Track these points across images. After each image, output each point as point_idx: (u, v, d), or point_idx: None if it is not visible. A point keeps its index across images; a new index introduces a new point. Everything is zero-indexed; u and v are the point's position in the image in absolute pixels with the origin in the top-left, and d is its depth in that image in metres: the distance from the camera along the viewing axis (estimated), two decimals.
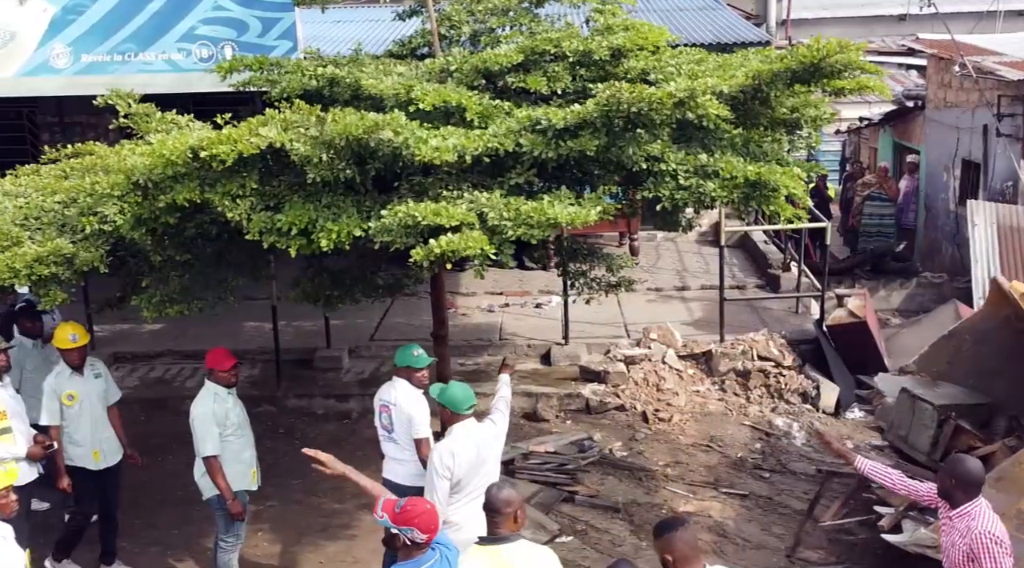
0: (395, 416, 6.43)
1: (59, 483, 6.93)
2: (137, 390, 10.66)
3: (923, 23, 21.17)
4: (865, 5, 24.27)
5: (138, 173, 5.68)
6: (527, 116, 5.64)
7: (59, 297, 6.50)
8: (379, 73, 7.67)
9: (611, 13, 8.32)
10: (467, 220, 4.94)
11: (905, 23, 23.06)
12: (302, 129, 5.43)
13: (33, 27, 9.60)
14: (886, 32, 24.11)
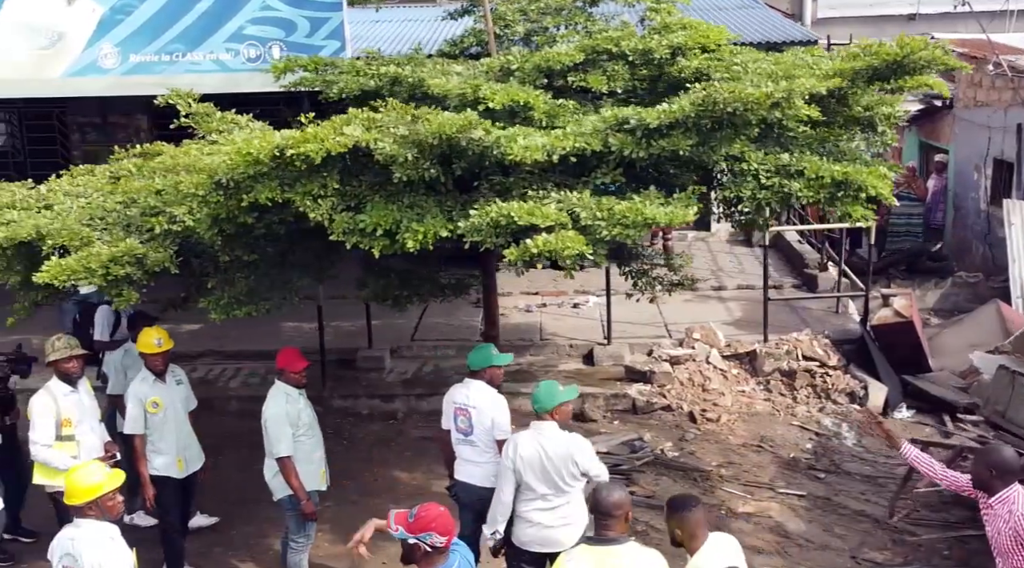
0: (475, 419, 6.37)
1: (145, 493, 6.87)
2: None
3: (933, 22, 21.15)
4: (874, 5, 24.20)
5: (221, 172, 5.66)
6: (614, 115, 5.62)
7: (132, 297, 6.50)
8: (437, 73, 7.66)
9: (667, 12, 8.30)
10: (560, 220, 4.92)
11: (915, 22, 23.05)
12: (388, 128, 5.40)
13: (81, 27, 9.58)
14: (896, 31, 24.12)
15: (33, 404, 6.63)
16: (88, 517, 4.83)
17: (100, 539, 4.84)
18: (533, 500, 5.86)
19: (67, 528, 4.93)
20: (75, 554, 4.75)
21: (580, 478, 5.94)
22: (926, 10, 22.43)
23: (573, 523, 5.95)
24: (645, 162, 5.47)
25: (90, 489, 4.84)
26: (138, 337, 7.12)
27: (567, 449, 5.81)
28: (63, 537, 4.88)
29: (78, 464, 5.18)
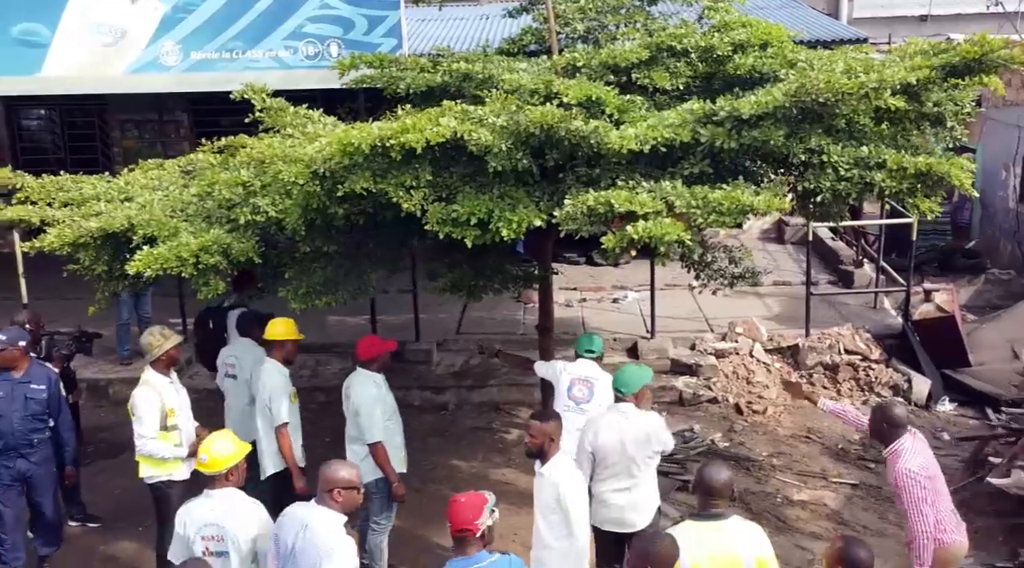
0: (597, 388, 6.66)
1: (297, 485, 6.99)
2: None
3: (944, 24, 21.30)
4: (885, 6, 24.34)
5: (319, 162, 5.84)
6: (701, 108, 5.81)
7: (220, 286, 6.69)
8: (504, 69, 7.84)
9: (724, 10, 8.47)
10: (656, 208, 5.11)
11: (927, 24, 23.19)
12: (485, 119, 5.59)
13: (144, 25, 9.77)
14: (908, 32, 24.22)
15: (137, 400, 6.75)
16: (225, 486, 5.03)
17: (243, 505, 5.08)
18: (608, 480, 6.08)
19: (198, 500, 5.12)
20: (219, 522, 4.95)
21: (656, 457, 6.17)
22: (938, 11, 22.57)
23: (647, 504, 6.17)
24: (734, 153, 5.65)
25: (229, 457, 5.06)
26: (272, 329, 7.19)
27: (646, 430, 6.05)
28: (198, 508, 5.08)
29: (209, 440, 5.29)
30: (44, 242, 6.67)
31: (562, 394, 6.97)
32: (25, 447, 7.10)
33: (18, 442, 7.06)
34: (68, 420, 7.51)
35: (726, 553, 4.80)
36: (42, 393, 7.18)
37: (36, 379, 7.20)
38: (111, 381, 10.66)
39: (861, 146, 5.83)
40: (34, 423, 7.12)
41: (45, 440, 7.23)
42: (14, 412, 7.02)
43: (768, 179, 5.79)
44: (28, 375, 7.16)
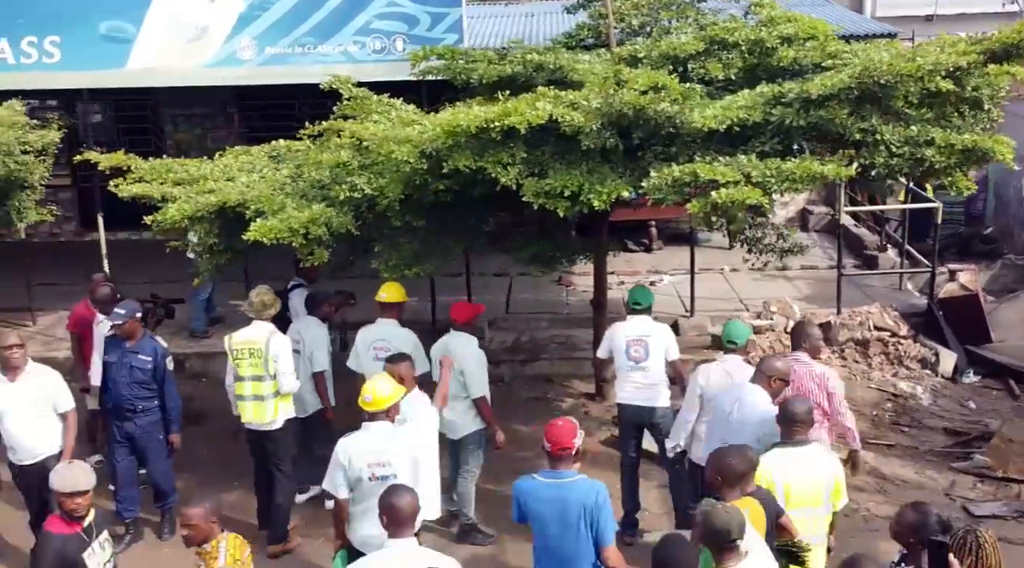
0: (651, 346, 7.33)
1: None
2: None
3: (950, 23, 21.93)
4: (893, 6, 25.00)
5: (427, 143, 6.54)
6: (770, 90, 6.49)
7: (324, 256, 7.39)
8: (570, 61, 8.54)
9: (770, 6, 9.17)
10: (736, 178, 5.80)
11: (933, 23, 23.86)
12: (577, 102, 6.29)
13: (223, 22, 10.46)
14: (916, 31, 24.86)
15: (278, 345, 7.48)
16: (385, 421, 5.77)
17: (401, 435, 5.82)
18: (706, 423, 6.79)
19: (358, 434, 5.82)
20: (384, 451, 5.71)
21: None
22: (943, 11, 23.21)
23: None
24: (801, 131, 6.33)
25: (390, 397, 5.79)
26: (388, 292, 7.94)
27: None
28: (362, 441, 5.78)
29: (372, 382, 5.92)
30: (167, 215, 7.37)
31: (621, 355, 7.66)
32: (130, 412, 7.71)
33: (124, 406, 7.70)
34: (173, 391, 8.04)
35: (810, 474, 5.53)
36: (147, 364, 7.78)
37: (144, 351, 7.80)
38: (187, 355, 11.34)
39: (909, 127, 6.51)
40: (139, 390, 7.71)
41: (151, 408, 7.81)
42: (121, 378, 7.66)
43: (827, 157, 6.45)
44: (138, 346, 7.76)
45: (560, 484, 5.23)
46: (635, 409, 7.51)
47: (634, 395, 7.50)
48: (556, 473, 5.27)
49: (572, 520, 5.17)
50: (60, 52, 10.53)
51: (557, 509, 5.20)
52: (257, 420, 7.65)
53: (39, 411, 7.14)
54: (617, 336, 7.69)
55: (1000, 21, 19.75)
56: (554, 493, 5.22)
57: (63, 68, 10.56)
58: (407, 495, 4.86)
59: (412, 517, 4.82)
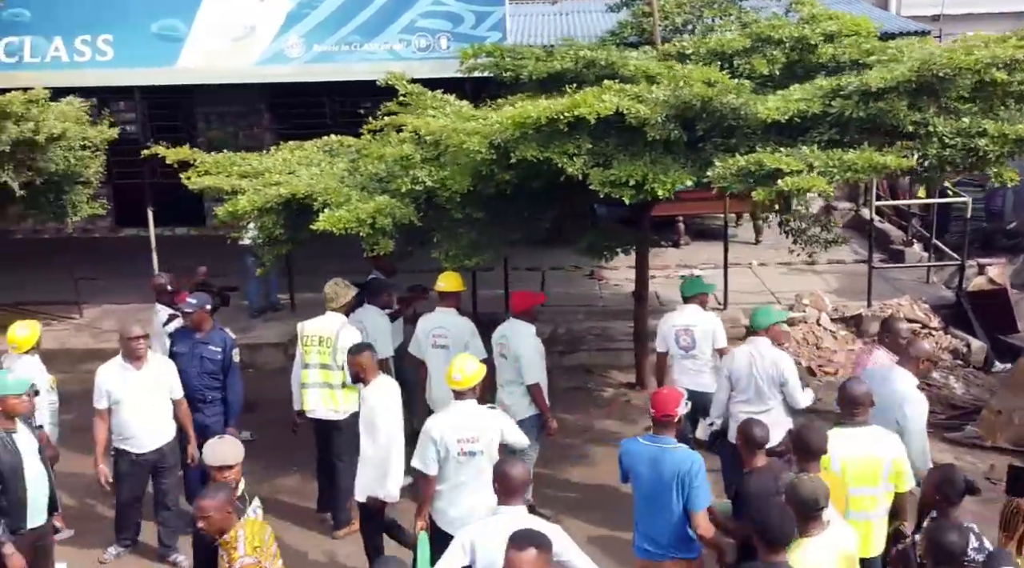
0: (697, 335, 7.59)
1: None
2: None
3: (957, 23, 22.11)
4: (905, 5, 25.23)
5: (496, 134, 6.79)
6: (829, 84, 6.74)
7: (388, 246, 7.64)
8: (622, 57, 8.79)
9: (810, 4, 9.42)
10: (799, 167, 6.06)
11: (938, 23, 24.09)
12: (642, 95, 6.54)
13: (271, 20, 10.73)
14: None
15: (354, 336, 7.70)
16: (472, 398, 6.15)
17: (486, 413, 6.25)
18: (741, 403, 7.11)
19: (446, 412, 6.19)
20: (472, 427, 6.03)
21: (779, 389, 7.11)
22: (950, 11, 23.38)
23: (775, 425, 7.10)
24: (859, 123, 6.58)
25: (476, 375, 6.14)
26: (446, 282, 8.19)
27: (773, 360, 7.02)
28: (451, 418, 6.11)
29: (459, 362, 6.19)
30: (237, 206, 7.62)
31: (672, 344, 7.97)
32: (200, 402, 7.85)
33: (194, 396, 7.81)
34: (236, 382, 8.18)
35: (869, 455, 5.76)
36: (217, 354, 7.96)
37: (214, 341, 7.98)
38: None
39: (960, 118, 6.76)
40: (208, 381, 7.87)
41: (218, 399, 7.96)
42: (192, 369, 7.81)
43: (884, 147, 6.69)
44: (208, 337, 7.96)
45: (661, 448, 5.52)
46: (688, 394, 7.74)
47: (687, 381, 7.76)
48: (657, 438, 5.58)
49: (666, 484, 5.46)
50: (112, 50, 10.80)
51: (654, 472, 5.49)
52: (325, 406, 7.86)
53: (158, 399, 7.35)
54: (666, 325, 7.95)
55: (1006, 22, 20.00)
56: (654, 456, 5.51)
57: (115, 66, 10.81)
58: (519, 465, 5.15)
59: (523, 486, 5.10)
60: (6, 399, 5.92)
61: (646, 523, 5.68)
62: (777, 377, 7.07)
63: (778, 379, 7.08)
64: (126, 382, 7.21)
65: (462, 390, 6.12)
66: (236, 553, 4.91)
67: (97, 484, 7.40)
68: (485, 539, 4.97)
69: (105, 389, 7.20)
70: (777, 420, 7.12)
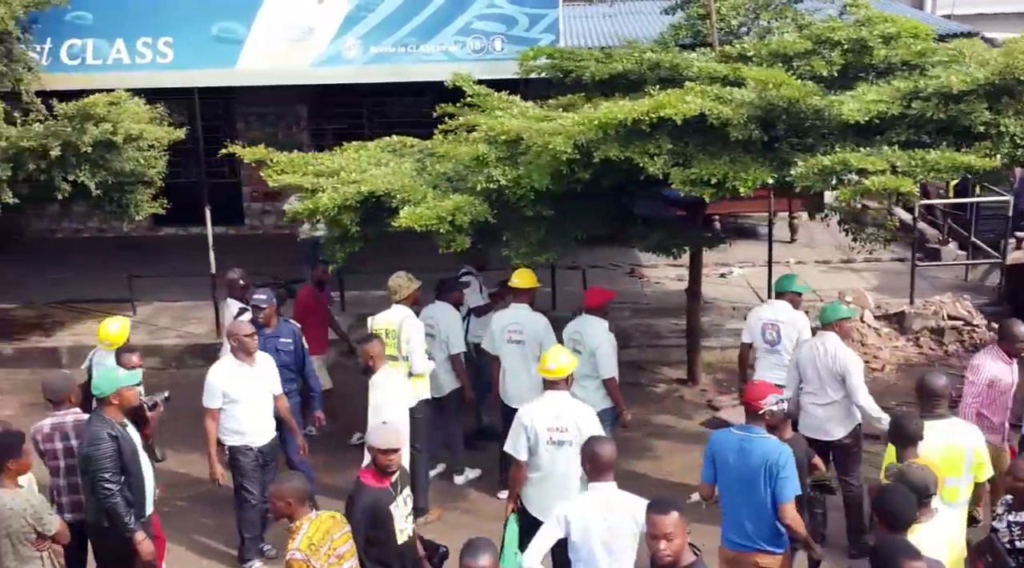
0: (783, 331, 7.79)
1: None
2: None
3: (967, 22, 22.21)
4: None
5: (579, 134, 6.98)
6: (906, 86, 6.92)
7: (464, 243, 7.83)
8: (685, 60, 8.97)
9: (864, 6, 9.60)
10: (883, 167, 6.24)
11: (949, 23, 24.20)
12: (724, 97, 6.73)
13: (329, 23, 10.90)
14: None
15: (412, 329, 7.94)
16: (564, 390, 6.32)
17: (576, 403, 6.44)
18: (808, 394, 7.32)
19: (538, 402, 6.32)
20: (563, 416, 6.22)
21: (840, 385, 7.27)
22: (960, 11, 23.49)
23: (839, 419, 7.31)
24: (939, 125, 6.76)
25: (570, 366, 6.34)
26: (521, 279, 8.41)
27: (835, 356, 7.21)
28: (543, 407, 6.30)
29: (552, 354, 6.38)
30: (319, 204, 7.81)
31: (757, 337, 8.16)
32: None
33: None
34: (313, 369, 8.48)
35: (951, 446, 5.94)
36: (289, 346, 8.22)
37: (283, 334, 8.23)
38: None
39: None
40: (285, 374, 8.02)
41: (294, 390, 8.17)
42: None
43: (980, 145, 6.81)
44: (278, 330, 8.20)
45: (751, 438, 5.70)
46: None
47: (769, 375, 7.94)
48: (748, 428, 5.77)
49: (754, 471, 5.64)
50: (173, 52, 10.98)
51: (742, 460, 5.68)
52: None
53: (267, 395, 7.53)
54: (754, 319, 8.16)
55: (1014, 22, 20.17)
56: (744, 445, 5.70)
57: (175, 67, 11.01)
58: (608, 445, 5.41)
59: (612, 463, 5.36)
60: (121, 392, 6.11)
61: (733, 513, 5.85)
62: (839, 372, 7.23)
63: (839, 374, 7.24)
64: (241, 379, 7.34)
65: (555, 380, 6.31)
66: (291, 544, 5.07)
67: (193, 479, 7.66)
68: (580, 513, 5.30)
69: (220, 389, 7.29)
70: (841, 413, 7.31)
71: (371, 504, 5.46)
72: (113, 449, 5.91)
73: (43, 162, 8.74)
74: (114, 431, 5.98)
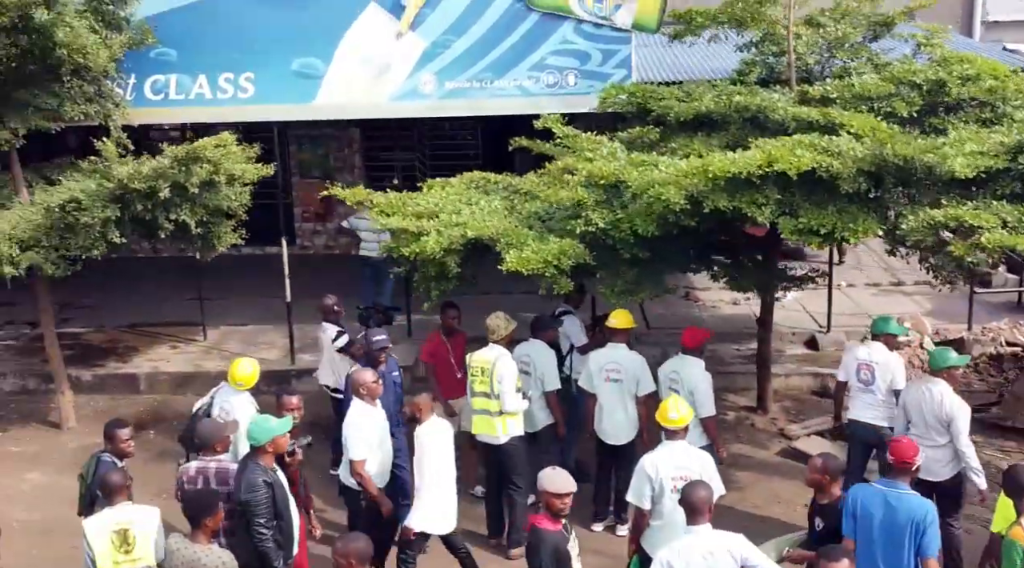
0: (878, 372, 8.03)
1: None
2: None
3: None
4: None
5: (690, 186, 7.23)
6: (1012, 139, 7.14)
7: (568, 286, 8.08)
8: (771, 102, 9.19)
9: (939, 46, 9.85)
10: (996, 223, 6.49)
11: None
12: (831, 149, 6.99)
13: (406, 58, 11.12)
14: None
15: (505, 369, 8.16)
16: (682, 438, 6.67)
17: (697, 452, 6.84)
18: (914, 437, 7.46)
19: (661, 450, 6.66)
20: (685, 465, 6.49)
21: (945, 429, 7.49)
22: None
23: (945, 461, 7.52)
24: None
25: (688, 416, 6.75)
26: (618, 319, 8.64)
27: (940, 401, 7.44)
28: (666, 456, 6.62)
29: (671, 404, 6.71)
30: (426, 248, 8.06)
31: (852, 376, 8.38)
32: (395, 426, 8.19)
33: (392, 422, 8.11)
34: None
35: None
36: (398, 378, 8.60)
37: (391, 367, 8.59)
38: None
39: None
40: (398, 406, 8.41)
41: (400, 431, 8.37)
42: (388, 396, 8.25)
43: None
44: (389, 365, 8.53)
45: (898, 494, 5.94)
46: (862, 426, 8.22)
47: (863, 413, 8.20)
48: (893, 484, 6.00)
49: (900, 529, 5.86)
50: (254, 87, 11.23)
51: (890, 516, 5.90)
52: (486, 433, 8.34)
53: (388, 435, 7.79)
54: (849, 358, 8.38)
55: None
56: (891, 501, 5.94)
57: (256, 102, 11.26)
58: (701, 489, 5.76)
59: (707, 505, 5.67)
60: (276, 440, 6.36)
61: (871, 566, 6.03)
62: (945, 418, 7.46)
63: (945, 420, 7.46)
64: (373, 424, 7.58)
65: (676, 429, 6.56)
66: None
67: None
68: (680, 556, 5.58)
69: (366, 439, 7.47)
70: (943, 457, 7.52)
71: (552, 548, 5.74)
72: (268, 496, 6.17)
73: (150, 202, 8.97)
74: (269, 478, 6.24)
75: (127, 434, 6.94)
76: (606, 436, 8.56)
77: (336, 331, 9.54)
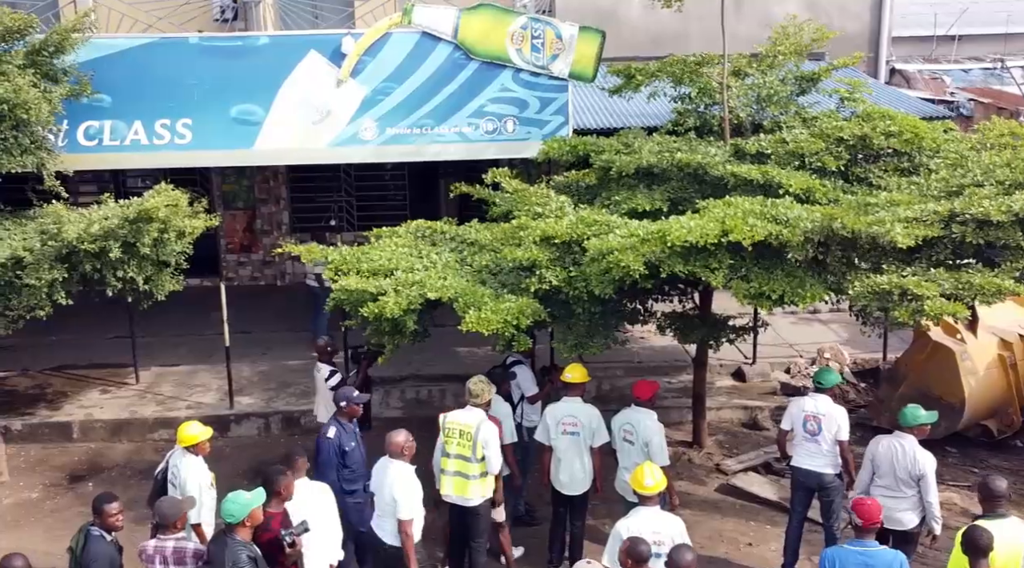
0: (824, 423, 8.42)
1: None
2: (408, 409, 12.36)
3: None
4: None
5: (648, 253, 7.53)
6: (943, 208, 7.62)
7: (526, 343, 8.31)
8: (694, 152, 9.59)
9: (861, 101, 10.42)
10: (936, 292, 6.96)
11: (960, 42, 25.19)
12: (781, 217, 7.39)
13: (347, 105, 11.23)
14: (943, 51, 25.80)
15: (491, 434, 8.21)
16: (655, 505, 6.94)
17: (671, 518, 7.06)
18: (881, 487, 7.98)
19: (637, 515, 6.88)
20: (661, 531, 6.79)
21: (914, 483, 7.94)
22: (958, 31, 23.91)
23: (912, 509, 8.00)
24: (975, 247, 7.51)
25: (661, 483, 7.02)
26: (573, 374, 8.86)
27: (915, 457, 7.89)
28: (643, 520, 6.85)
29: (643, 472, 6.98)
30: (386, 309, 8.16)
31: (798, 426, 8.76)
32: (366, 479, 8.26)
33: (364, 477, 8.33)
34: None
35: (1014, 544, 6.63)
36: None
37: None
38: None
39: None
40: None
41: None
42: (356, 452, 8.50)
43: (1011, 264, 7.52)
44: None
45: (868, 552, 6.37)
46: (805, 472, 8.61)
47: (808, 462, 8.60)
48: (863, 542, 6.42)
49: None
50: (191, 133, 11.15)
51: None
52: (458, 495, 8.44)
53: None
54: (796, 409, 8.76)
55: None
56: (868, 560, 6.35)
57: (193, 148, 11.18)
58: (686, 553, 6.11)
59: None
60: (252, 513, 6.40)
61: None
62: (916, 474, 7.89)
63: (916, 475, 7.90)
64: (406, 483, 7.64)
65: (650, 496, 6.85)
66: None
67: None
68: None
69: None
70: (910, 506, 7.99)
71: None
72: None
73: (99, 262, 8.85)
74: (252, 553, 6.29)
75: (116, 508, 6.84)
76: (562, 487, 8.80)
77: (329, 370, 9.79)
